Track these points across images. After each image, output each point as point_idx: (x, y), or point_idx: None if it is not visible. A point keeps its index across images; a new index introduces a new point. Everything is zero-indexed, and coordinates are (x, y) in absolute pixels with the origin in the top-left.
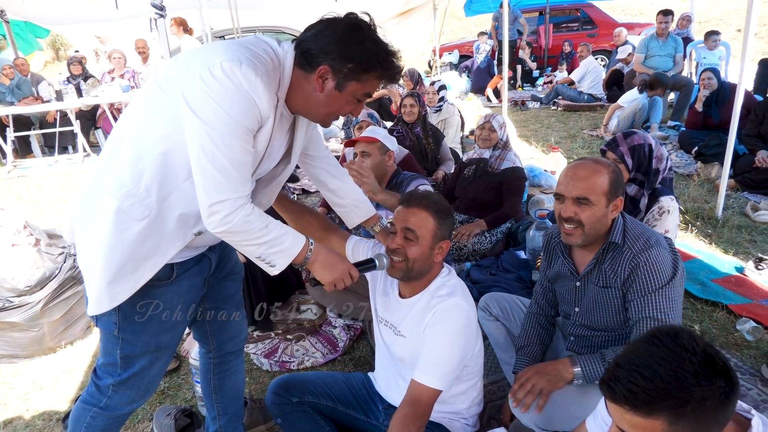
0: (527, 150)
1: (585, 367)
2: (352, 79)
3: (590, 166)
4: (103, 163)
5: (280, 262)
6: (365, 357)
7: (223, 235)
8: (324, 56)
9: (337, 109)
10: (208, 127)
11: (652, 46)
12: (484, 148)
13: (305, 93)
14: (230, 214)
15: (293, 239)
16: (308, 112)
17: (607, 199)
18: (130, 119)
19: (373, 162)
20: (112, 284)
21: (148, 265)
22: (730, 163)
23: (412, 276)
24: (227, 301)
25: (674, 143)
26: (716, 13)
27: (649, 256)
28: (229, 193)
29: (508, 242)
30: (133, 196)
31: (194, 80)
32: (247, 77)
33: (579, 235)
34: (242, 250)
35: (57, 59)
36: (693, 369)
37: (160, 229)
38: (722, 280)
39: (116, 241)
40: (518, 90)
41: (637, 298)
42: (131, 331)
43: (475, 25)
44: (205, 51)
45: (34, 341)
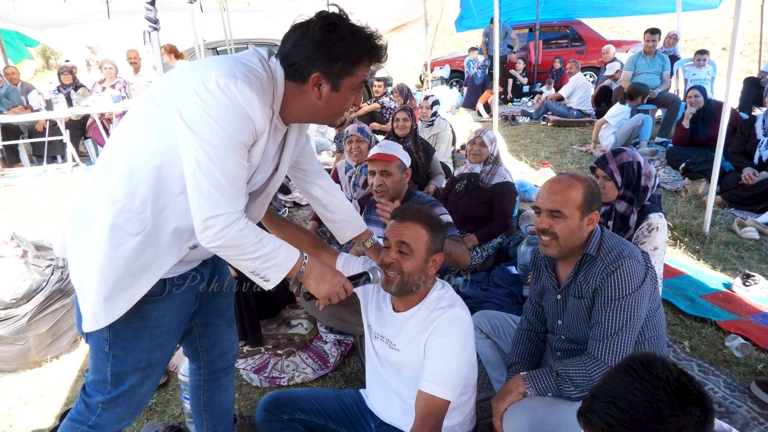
0: (518, 165)
1: (535, 381)
2: (345, 75)
3: (565, 180)
4: (95, 178)
5: (275, 276)
6: (356, 373)
7: (217, 249)
8: (312, 64)
9: (340, 108)
10: (203, 142)
11: (640, 63)
12: (475, 163)
13: (303, 103)
14: (224, 228)
15: (287, 253)
16: (311, 119)
17: (581, 212)
18: (123, 134)
19: (394, 181)
20: (108, 300)
21: (143, 280)
22: (717, 180)
23: (406, 290)
24: (219, 317)
25: (662, 159)
26: (702, 31)
27: (618, 266)
28: (224, 207)
29: (499, 257)
30: (128, 211)
31: (189, 95)
32: (242, 92)
33: (554, 246)
34: (236, 265)
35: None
36: (668, 399)
37: (155, 244)
38: (711, 297)
39: (111, 256)
40: (509, 105)
41: (599, 304)
42: (122, 347)
43: (465, 41)
44: (200, 66)
45: (19, 355)
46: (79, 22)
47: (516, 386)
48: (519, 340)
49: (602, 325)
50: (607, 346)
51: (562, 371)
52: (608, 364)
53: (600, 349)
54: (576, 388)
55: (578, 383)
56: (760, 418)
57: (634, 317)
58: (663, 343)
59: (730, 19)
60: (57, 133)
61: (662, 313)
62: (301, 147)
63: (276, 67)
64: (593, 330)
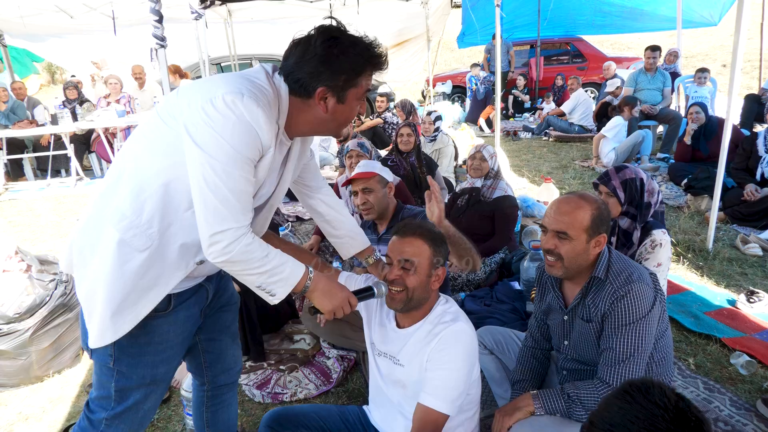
0: (520, 180)
1: (545, 401)
2: (350, 87)
3: (574, 201)
4: (103, 194)
5: (281, 291)
6: (359, 389)
7: (223, 264)
8: (316, 79)
9: (346, 119)
10: (210, 158)
11: (641, 80)
12: (475, 178)
13: (309, 117)
14: (231, 243)
15: (293, 267)
16: (317, 131)
17: (588, 235)
18: (131, 151)
19: (377, 197)
20: (115, 316)
21: (150, 296)
22: (719, 196)
23: (412, 306)
24: (223, 332)
25: (664, 175)
26: (702, 48)
27: (628, 291)
28: (231, 222)
29: (502, 273)
30: (135, 227)
31: (196, 112)
32: (249, 109)
33: (559, 267)
34: (242, 279)
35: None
36: (666, 426)
37: (162, 260)
38: (715, 313)
39: (119, 272)
40: (510, 120)
41: (609, 329)
42: (127, 363)
43: (467, 57)
44: (207, 83)
45: (22, 370)
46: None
47: (526, 404)
48: (524, 357)
49: (613, 351)
50: (619, 372)
51: (573, 394)
52: None
53: (611, 374)
54: (587, 412)
55: (589, 406)
56: None
57: (645, 342)
58: (670, 364)
59: (730, 36)
60: (61, 148)
61: (670, 333)
62: (305, 161)
63: (280, 83)
64: (604, 355)
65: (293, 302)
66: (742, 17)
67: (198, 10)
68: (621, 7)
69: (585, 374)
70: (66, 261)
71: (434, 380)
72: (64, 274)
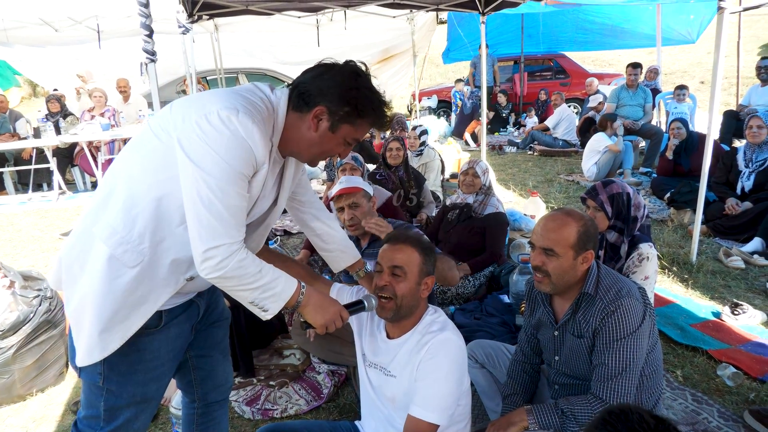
0: (506, 194)
1: (539, 416)
2: (346, 122)
3: (560, 218)
4: (93, 210)
5: (273, 306)
6: (350, 405)
7: (216, 281)
8: (322, 97)
9: (328, 150)
10: (204, 174)
11: (623, 96)
12: (467, 194)
13: (299, 133)
14: (225, 259)
15: (286, 283)
16: (299, 152)
17: (575, 251)
18: (123, 166)
19: (362, 211)
20: (104, 333)
21: (139, 312)
22: (702, 210)
23: (401, 314)
24: (214, 348)
25: (647, 189)
26: (680, 65)
27: (618, 306)
28: (224, 238)
29: (491, 286)
30: (126, 242)
31: (191, 127)
32: (244, 125)
33: (547, 283)
34: (235, 295)
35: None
36: None
37: (152, 276)
38: (701, 325)
39: (108, 289)
40: (495, 135)
41: (601, 344)
42: (117, 381)
43: (452, 72)
44: (202, 99)
45: (4, 389)
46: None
47: (519, 419)
48: (514, 371)
49: (606, 366)
50: (612, 387)
51: (567, 410)
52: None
53: (604, 390)
54: (580, 427)
55: (583, 422)
56: None
57: (637, 357)
58: (660, 377)
59: (707, 54)
60: (44, 161)
61: (660, 347)
62: (298, 179)
63: (279, 101)
64: (596, 371)
65: (283, 317)
66: (722, 36)
67: (185, 24)
68: (602, 24)
69: (577, 389)
70: (54, 277)
71: (423, 390)
72: (49, 290)
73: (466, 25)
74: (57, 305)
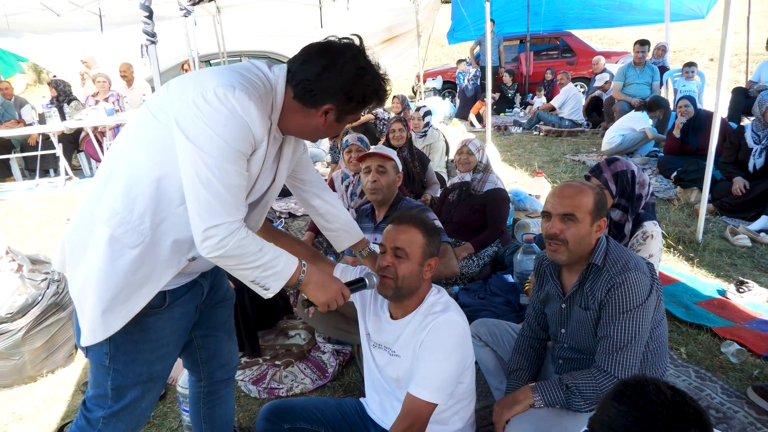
0: (512, 174)
1: (544, 393)
2: (353, 112)
3: (576, 186)
4: (94, 191)
5: (274, 284)
6: (355, 383)
7: (217, 260)
8: (330, 98)
9: (335, 131)
10: (202, 153)
11: (630, 74)
12: (464, 172)
13: (304, 123)
14: (225, 238)
15: (286, 261)
16: (303, 135)
17: (592, 218)
18: (122, 147)
19: (389, 180)
20: (106, 313)
21: (142, 292)
22: (708, 189)
23: (402, 294)
24: (219, 328)
25: (653, 168)
26: (689, 42)
27: (625, 279)
28: (224, 217)
29: (495, 266)
30: (127, 223)
31: (188, 106)
32: (241, 102)
33: (563, 252)
34: (236, 274)
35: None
36: (666, 423)
37: (153, 256)
38: (705, 303)
39: (110, 269)
40: (501, 115)
41: (606, 316)
42: (123, 361)
43: (457, 52)
44: (198, 77)
45: (15, 370)
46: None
47: (525, 397)
48: (520, 346)
49: (610, 338)
50: (617, 360)
51: (571, 384)
52: (617, 377)
53: (609, 362)
54: (585, 401)
55: (588, 396)
56: (757, 423)
57: (642, 330)
58: (665, 353)
59: (717, 30)
60: (50, 147)
61: (665, 323)
62: (298, 156)
63: (277, 79)
64: (601, 343)
65: (287, 297)
66: (730, 11)
67: (187, 6)
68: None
69: (581, 363)
70: (59, 259)
71: (422, 370)
72: (56, 273)
73: (471, 4)
74: (65, 288)
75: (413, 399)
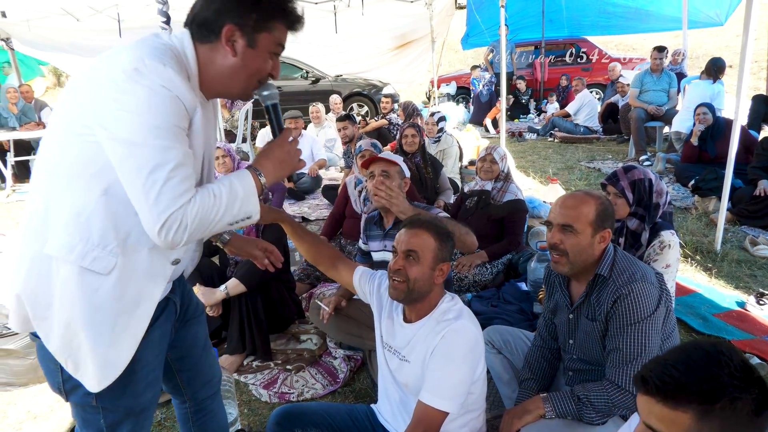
0: (526, 181)
1: (555, 404)
2: (262, 30)
3: (579, 196)
4: (33, 230)
5: (250, 208)
6: (366, 389)
7: (190, 239)
8: (224, 16)
9: (255, 70)
10: (138, 146)
11: (647, 81)
12: (485, 180)
13: (218, 67)
14: (182, 220)
15: (240, 182)
16: (227, 87)
17: (593, 228)
18: (44, 179)
19: (392, 185)
20: (111, 349)
21: (138, 314)
22: (728, 197)
23: (413, 297)
24: (193, 347)
25: (670, 177)
26: (707, 49)
27: (631, 290)
28: (174, 201)
29: (509, 273)
30: (91, 251)
31: (106, 104)
32: (156, 71)
33: (564, 263)
34: (215, 231)
35: (58, 85)
36: (728, 371)
37: (135, 273)
38: (724, 315)
39: (93, 303)
40: (515, 121)
41: (614, 328)
42: (110, 397)
43: (471, 58)
44: (100, 69)
45: (30, 369)
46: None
47: (535, 407)
48: (533, 356)
49: (620, 352)
50: (628, 373)
51: (583, 396)
52: (630, 391)
53: (620, 376)
54: (597, 413)
55: (600, 408)
56: None
57: (651, 342)
58: None
59: (736, 37)
60: None
61: (677, 334)
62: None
63: (182, 41)
64: (611, 356)
65: (300, 302)
66: (751, 17)
67: None
68: (625, 7)
69: (591, 375)
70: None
71: (435, 377)
72: None
73: (486, 9)
74: None
75: (425, 407)
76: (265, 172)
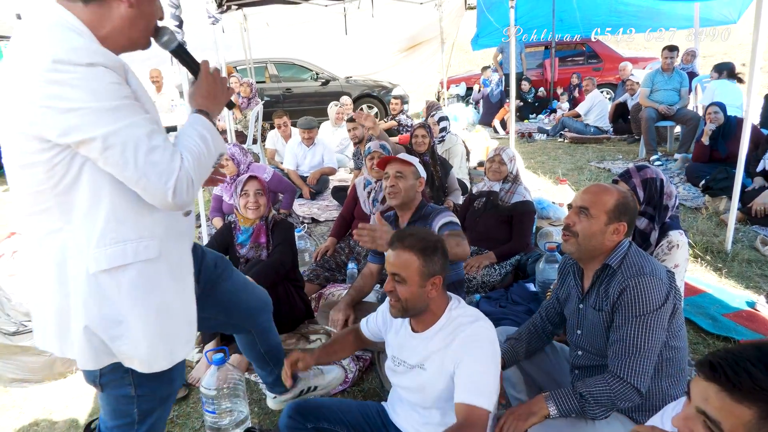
0: (535, 181)
1: (558, 403)
2: None
3: (604, 186)
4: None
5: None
6: (374, 389)
7: (196, 191)
8: None
9: (151, 14)
10: (106, 137)
11: (658, 80)
12: (494, 181)
13: (116, 21)
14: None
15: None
16: (131, 38)
17: (608, 217)
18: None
19: (407, 184)
20: (164, 335)
21: (186, 283)
22: (738, 197)
23: (411, 314)
24: (234, 296)
25: (681, 176)
26: (720, 47)
27: (638, 283)
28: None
29: (517, 274)
30: (139, 243)
31: (45, 112)
32: (73, 50)
33: (572, 243)
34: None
35: None
36: None
37: (169, 242)
38: (734, 315)
39: (160, 291)
40: (525, 122)
41: (619, 320)
42: (150, 386)
43: (481, 59)
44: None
45: (46, 366)
46: None
47: (539, 408)
48: (526, 327)
49: (623, 343)
50: (629, 365)
51: (585, 392)
52: (631, 383)
53: (622, 368)
54: (601, 408)
55: (603, 402)
56: None
57: (654, 337)
58: (684, 365)
59: (749, 35)
60: None
61: (684, 334)
62: None
63: (60, 14)
64: (614, 348)
65: (309, 302)
66: (761, 15)
67: (215, 14)
68: (637, 6)
69: (596, 372)
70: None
71: (471, 378)
72: None
73: (496, 10)
74: None
75: (468, 407)
76: (207, 109)
